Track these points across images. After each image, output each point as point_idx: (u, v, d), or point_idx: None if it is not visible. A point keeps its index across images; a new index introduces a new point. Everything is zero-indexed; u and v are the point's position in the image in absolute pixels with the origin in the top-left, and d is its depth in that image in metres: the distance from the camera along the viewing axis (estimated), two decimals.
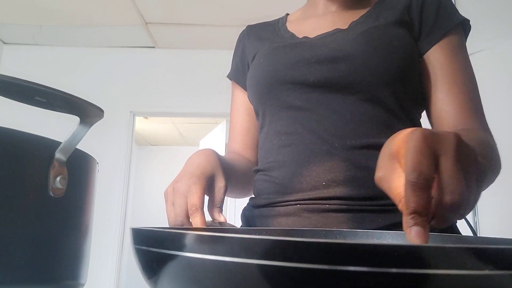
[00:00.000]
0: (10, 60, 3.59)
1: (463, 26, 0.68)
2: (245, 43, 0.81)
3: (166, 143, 6.28)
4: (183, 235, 0.27)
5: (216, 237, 0.25)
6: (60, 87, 0.41)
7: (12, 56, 3.60)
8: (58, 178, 0.41)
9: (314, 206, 0.58)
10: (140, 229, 0.32)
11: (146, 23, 3.29)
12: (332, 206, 0.58)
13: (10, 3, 3.02)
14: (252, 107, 0.77)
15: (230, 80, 0.84)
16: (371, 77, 0.61)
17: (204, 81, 3.55)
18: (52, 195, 0.40)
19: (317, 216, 0.58)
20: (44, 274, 0.39)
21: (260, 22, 0.84)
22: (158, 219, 5.49)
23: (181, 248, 0.26)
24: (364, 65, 0.61)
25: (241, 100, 0.80)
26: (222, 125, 3.74)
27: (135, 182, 5.38)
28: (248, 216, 0.70)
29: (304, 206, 0.59)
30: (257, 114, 0.74)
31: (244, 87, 0.79)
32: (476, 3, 2.48)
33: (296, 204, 0.60)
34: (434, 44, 0.66)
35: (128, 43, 3.59)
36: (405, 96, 0.64)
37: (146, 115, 4.11)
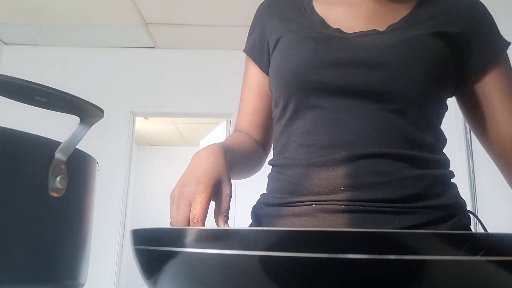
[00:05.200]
0: (10, 60, 3.58)
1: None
2: (265, 19, 0.75)
3: (166, 143, 6.28)
4: (179, 231, 0.27)
5: (212, 231, 0.25)
6: (60, 87, 0.41)
7: (12, 56, 3.60)
8: (58, 178, 0.41)
9: (329, 206, 0.58)
10: (139, 229, 0.32)
11: (146, 23, 3.29)
12: (348, 207, 0.57)
13: (10, 3, 3.02)
14: (266, 87, 0.74)
15: (245, 54, 0.78)
16: (405, 89, 0.60)
17: (204, 81, 3.56)
18: (52, 195, 0.40)
19: (332, 217, 0.57)
20: (44, 274, 0.39)
21: None
22: (158, 218, 5.50)
23: (178, 244, 0.26)
24: (401, 76, 0.60)
25: (255, 79, 0.76)
26: (222, 125, 3.73)
27: (135, 182, 5.38)
28: (258, 215, 0.68)
29: (319, 206, 0.58)
30: (276, 103, 0.70)
31: (260, 65, 0.75)
32: None
33: (311, 205, 0.59)
34: (489, 63, 0.65)
35: (128, 43, 3.59)
36: (432, 109, 0.63)
37: (146, 115, 4.11)
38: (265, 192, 0.69)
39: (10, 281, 0.36)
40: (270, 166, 0.71)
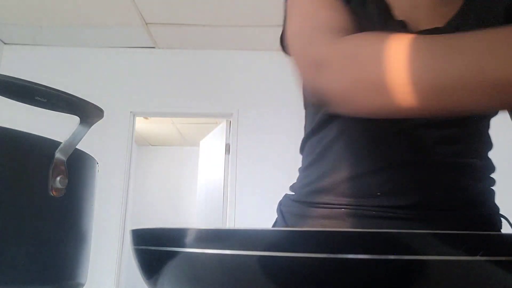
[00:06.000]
0: (10, 60, 3.58)
1: None
2: None
3: (166, 143, 6.28)
4: (179, 231, 0.27)
5: (212, 231, 0.25)
6: (60, 87, 0.41)
7: (12, 56, 3.60)
8: (58, 178, 0.41)
9: (358, 211, 0.57)
10: (139, 229, 0.32)
11: (146, 23, 3.29)
12: (377, 213, 0.56)
13: (10, 3, 3.02)
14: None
15: None
16: None
17: (204, 81, 3.56)
18: (52, 195, 0.40)
19: (360, 222, 0.56)
20: (44, 274, 0.39)
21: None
22: (158, 219, 5.48)
23: (178, 244, 0.26)
24: None
25: None
26: (222, 125, 3.73)
27: (135, 182, 5.38)
28: (285, 212, 0.66)
29: (348, 211, 0.57)
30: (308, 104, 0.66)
31: None
32: None
33: (341, 208, 0.58)
34: None
35: (128, 43, 3.59)
36: (487, 114, 0.61)
37: (146, 115, 4.11)
38: (294, 185, 0.67)
39: (10, 281, 0.36)
40: (291, 165, 0.68)
